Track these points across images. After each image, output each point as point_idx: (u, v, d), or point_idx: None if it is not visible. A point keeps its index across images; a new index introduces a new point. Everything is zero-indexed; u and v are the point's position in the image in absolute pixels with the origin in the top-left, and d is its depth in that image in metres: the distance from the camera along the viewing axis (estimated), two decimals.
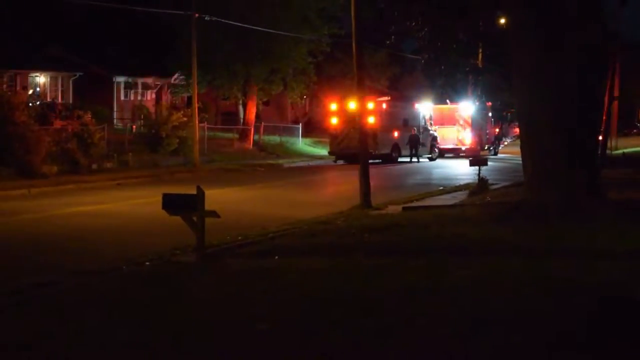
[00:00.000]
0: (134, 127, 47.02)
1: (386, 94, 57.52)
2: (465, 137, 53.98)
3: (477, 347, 7.53)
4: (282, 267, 11.83)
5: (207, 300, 9.82)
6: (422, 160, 49.44)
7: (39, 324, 8.99)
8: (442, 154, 52.67)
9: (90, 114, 37.09)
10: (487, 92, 61.08)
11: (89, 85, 53.08)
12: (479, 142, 55.45)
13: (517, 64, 17.50)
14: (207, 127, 48.52)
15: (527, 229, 14.47)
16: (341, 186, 31.41)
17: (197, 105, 42.51)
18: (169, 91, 58.69)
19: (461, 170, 37.92)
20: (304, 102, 63.88)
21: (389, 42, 45.88)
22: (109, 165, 36.26)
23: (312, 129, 66.32)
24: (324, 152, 52.45)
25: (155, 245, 14.84)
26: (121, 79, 57.11)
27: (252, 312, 8.94)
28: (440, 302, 9.10)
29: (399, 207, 21.07)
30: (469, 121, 53.92)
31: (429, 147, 51.12)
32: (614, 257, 11.67)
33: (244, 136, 54.07)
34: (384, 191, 25.92)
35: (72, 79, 53.92)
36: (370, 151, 29.77)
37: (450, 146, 53.89)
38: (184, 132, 42.91)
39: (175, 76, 56.78)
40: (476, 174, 27.11)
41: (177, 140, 42.85)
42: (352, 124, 39.31)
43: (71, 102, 51.68)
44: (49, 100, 50.60)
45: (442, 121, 53.63)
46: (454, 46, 37.80)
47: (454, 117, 54.05)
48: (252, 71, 52.00)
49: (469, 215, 17.26)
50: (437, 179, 34.57)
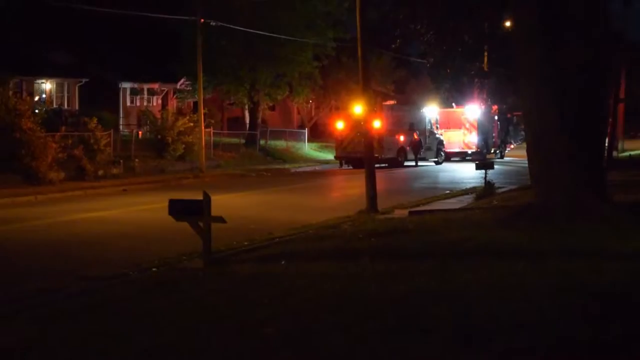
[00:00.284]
0: (140, 132, 47.05)
1: (392, 98, 57.55)
2: (471, 141, 53.93)
3: (483, 351, 7.51)
4: (289, 272, 11.82)
5: (214, 305, 9.81)
6: (428, 164, 49.42)
7: (43, 329, 9.00)
8: (449, 157, 52.63)
9: (96, 120, 37.11)
10: (493, 95, 61.07)
11: (95, 91, 53.17)
12: (485, 145, 55.39)
13: (521, 67, 17.48)
14: (213, 133, 48.57)
15: (533, 232, 14.42)
16: (347, 190, 31.41)
17: (203, 110, 42.56)
18: (175, 97, 58.74)
19: (467, 173, 37.91)
20: (309, 106, 63.91)
21: (394, 46, 45.87)
22: (115, 171, 36.30)
23: (318, 134, 66.31)
24: (330, 156, 52.46)
25: (162, 251, 14.86)
26: (127, 85, 57.18)
27: (259, 317, 8.93)
28: (446, 306, 9.08)
29: (406, 211, 21.05)
30: (475, 124, 53.87)
31: (435, 150, 51.14)
32: (621, 259, 11.63)
33: (250, 141, 54.11)
34: (391, 195, 25.91)
35: (78, 85, 54.02)
36: (376, 155, 29.74)
37: (456, 150, 53.86)
38: (190, 137, 42.94)
39: (181, 82, 56.86)
40: (482, 177, 27.11)
41: (183, 145, 42.90)
42: (358, 128, 39.36)
43: (77, 108, 51.82)
44: (55, 106, 50.72)
45: (448, 125, 53.62)
46: (460, 49, 37.85)
47: (460, 121, 54.00)
48: (257, 76, 52.10)
49: (476, 219, 17.24)
50: (443, 182, 34.56)
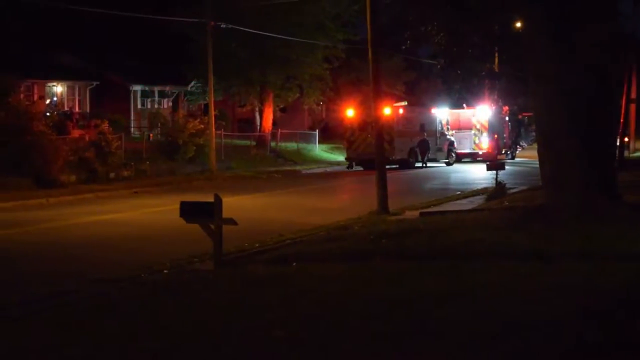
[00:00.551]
0: (151, 135, 47.07)
1: (403, 99, 57.47)
2: (482, 142, 53.85)
3: (495, 352, 7.50)
4: (299, 274, 11.83)
5: (224, 307, 9.83)
6: (439, 164, 49.37)
7: (56, 331, 9.03)
8: (459, 158, 52.59)
9: (107, 122, 37.15)
10: (503, 96, 60.93)
11: (106, 94, 53.29)
12: (496, 146, 55.28)
13: (532, 67, 17.47)
14: (224, 135, 48.60)
15: (544, 232, 14.39)
16: (358, 192, 31.39)
17: (213, 112, 42.56)
18: (186, 99, 58.80)
19: (478, 174, 37.85)
20: (320, 108, 63.89)
21: (404, 47, 45.80)
22: (126, 173, 36.34)
23: (329, 135, 66.25)
24: (341, 158, 52.44)
25: (173, 253, 14.90)
26: (138, 88, 57.27)
27: (269, 319, 8.93)
28: (458, 307, 9.07)
29: (417, 213, 21.04)
30: (486, 125, 53.78)
31: (446, 151, 51.14)
32: (632, 259, 11.60)
33: (261, 143, 54.10)
34: (401, 196, 25.87)
35: (89, 88, 54.12)
36: (386, 156, 29.72)
37: (467, 150, 53.77)
38: (201, 139, 42.95)
39: (191, 84, 56.91)
40: (493, 178, 27.06)
41: (194, 147, 42.90)
42: (369, 129, 39.34)
43: (88, 111, 51.86)
44: (66, 109, 50.78)
45: (459, 126, 53.56)
46: (470, 51, 37.76)
47: (471, 122, 53.93)
48: (268, 78, 52.11)
49: (487, 220, 17.20)
50: (454, 183, 34.52)
